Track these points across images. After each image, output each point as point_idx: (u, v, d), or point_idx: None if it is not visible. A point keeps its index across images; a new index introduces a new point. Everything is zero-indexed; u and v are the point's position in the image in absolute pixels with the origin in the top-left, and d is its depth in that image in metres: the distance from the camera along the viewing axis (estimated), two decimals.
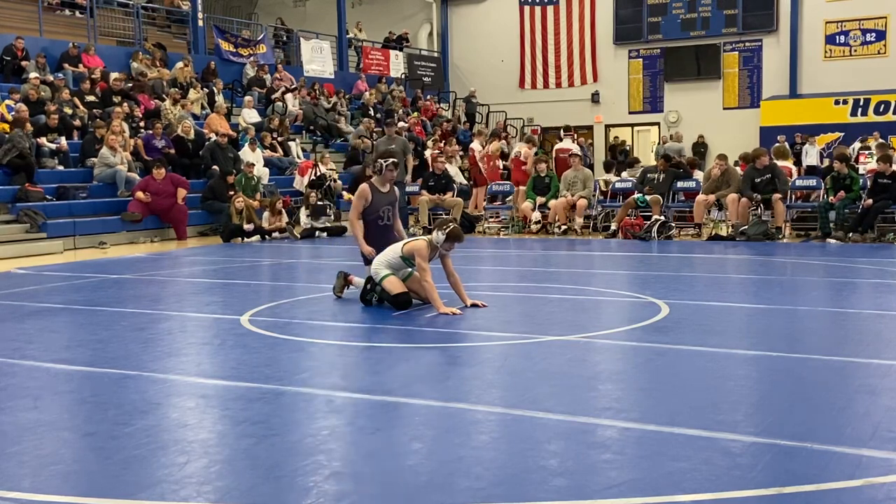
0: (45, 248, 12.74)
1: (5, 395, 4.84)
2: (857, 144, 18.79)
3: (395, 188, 8.13)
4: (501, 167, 17.50)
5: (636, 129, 27.38)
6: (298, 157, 18.74)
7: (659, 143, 24.54)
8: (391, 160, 7.86)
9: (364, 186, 7.83)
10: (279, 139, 18.76)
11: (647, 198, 13.68)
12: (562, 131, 19.61)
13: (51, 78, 16.65)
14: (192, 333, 6.66)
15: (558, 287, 8.55)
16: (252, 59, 22.06)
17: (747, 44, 24.97)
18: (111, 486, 3.36)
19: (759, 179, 13.08)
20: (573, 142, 18.32)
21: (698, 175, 15.14)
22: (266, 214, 14.70)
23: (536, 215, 14.65)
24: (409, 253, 7.20)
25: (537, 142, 18.43)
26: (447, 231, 7.11)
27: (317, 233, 14.79)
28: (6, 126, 14.23)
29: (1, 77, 16.51)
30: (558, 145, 17.50)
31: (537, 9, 27.33)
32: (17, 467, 3.63)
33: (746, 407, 4.39)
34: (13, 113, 14.54)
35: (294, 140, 19.49)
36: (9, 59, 16.89)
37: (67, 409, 4.64)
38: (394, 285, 7.14)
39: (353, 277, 7.80)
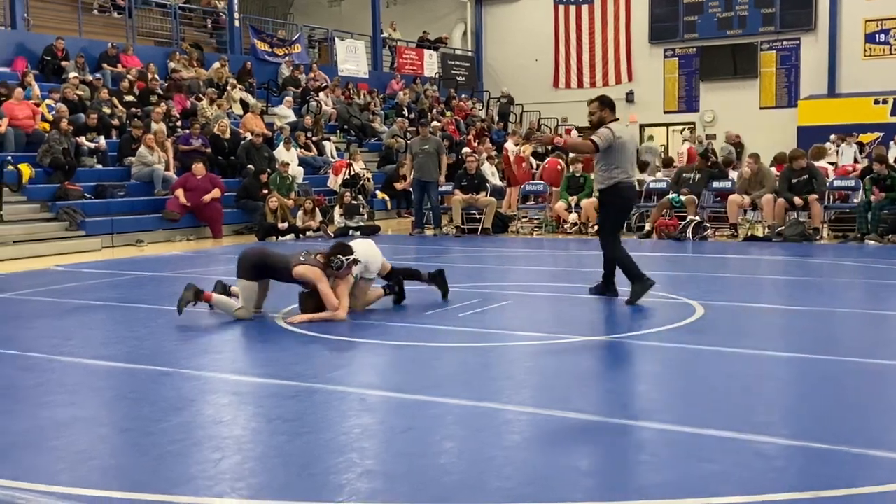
0: (84, 245, 12.92)
1: (44, 390, 4.93)
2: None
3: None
4: (534, 167, 17.43)
5: (671, 128, 27.17)
6: (332, 157, 18.85)
7: (696, 143, 24.31)
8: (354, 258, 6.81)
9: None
10: (313, 138, 18.88)
11: (682, 198, 13.57)
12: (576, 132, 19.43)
13: (90, 78, 16.89)
14: (227, 331, 6.72)
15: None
16: (287, 58, 22.22)
17: (785, 42, 24.66)
18: (147, 482, 3.40)
19: (796, 180, 12.92)
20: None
21: (735, 175, 14.98)
22: (300, 213, 14.79)
23: (573, 217, 14.59)
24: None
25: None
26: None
27: (350, 231, 14.86)
28: (47, 125, 14.47)
29: (42, 77, 16.77)
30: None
31: (572, 8, 27.21)
32: (55, 462, 3.70)
33: (782, 410, 4.34)
34: (53, 112, 14.78)
35: (328, 139, 19.60)
36: (49, 59, 17.15)
37: (104, 405, 4.71)
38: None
39: (211, 295, 6.93)
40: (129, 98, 17.04)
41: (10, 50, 17.15)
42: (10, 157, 13.26)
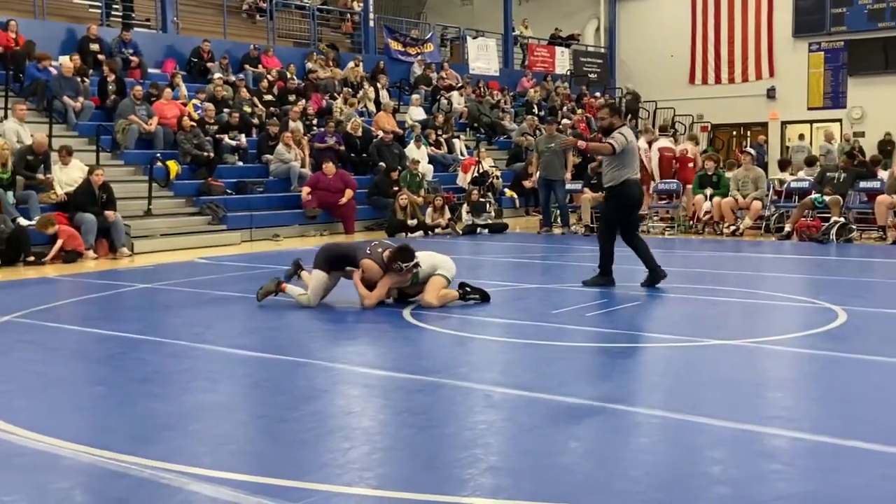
0: (225, 239, 13.49)
1: (188, 376, 5.18)
2: None
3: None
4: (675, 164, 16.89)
5: (815, 125, 25.98)
6: (462, 155, 18.98)
7: (842, 141, 23.18)
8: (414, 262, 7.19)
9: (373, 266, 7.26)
10: (444, 136, 19.06)
11: (826, 198, 12.97)
12: (657, 130, 18.71)
13: (233, 78, 17.61)
14: (357, 325, 6.88)
15: (726, 290, 8.24)
16: (420, 57, 22.51)
17: None
18: (279, 468, 3.52)
19: None
20: (668, 139, 17.45)
21: (885, 175, 14.18)
22: (429, 210, 14.97)
23: (707, 205, 14.21)
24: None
25: (700, 139, 17.66)
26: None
27: (478, 229, 14.93)
28: (193, 124, 15.16)
29: (188, 78, 17.60)
30: (659, 144, 16.31)
31: (710, 1, 26.43)
32: (196, 444, 3.88)
33: None
34: (200, 111, 15.50)
35: (458, 137, 19.74)
36: (196, 60, 17.99)
37: (242, 392, 4.91)
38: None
39: (285, 286, 7.51)
40: (269, 97, 17.66)
41: (160, 52, 18.11)
42: (158, 154, 14.00)
